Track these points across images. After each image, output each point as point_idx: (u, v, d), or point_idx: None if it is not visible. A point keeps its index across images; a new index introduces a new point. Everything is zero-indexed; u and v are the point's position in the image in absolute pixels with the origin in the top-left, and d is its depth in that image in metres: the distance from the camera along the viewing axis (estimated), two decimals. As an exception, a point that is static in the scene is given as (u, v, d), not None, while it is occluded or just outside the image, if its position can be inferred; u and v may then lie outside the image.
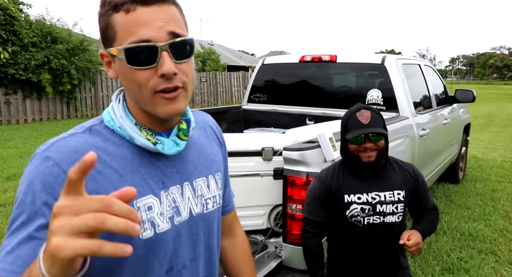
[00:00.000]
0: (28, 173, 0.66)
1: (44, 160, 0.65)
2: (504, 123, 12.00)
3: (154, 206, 0.72)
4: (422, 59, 10.65)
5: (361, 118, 1.45)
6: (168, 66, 0.67)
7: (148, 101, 0.70)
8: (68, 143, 0.68)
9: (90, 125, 0.73)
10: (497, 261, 2.98)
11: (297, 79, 3.68)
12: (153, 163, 0.75)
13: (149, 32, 0.67)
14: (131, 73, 0.69)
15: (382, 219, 1.48)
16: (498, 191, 4.72)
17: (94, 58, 12.59)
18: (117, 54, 0.68)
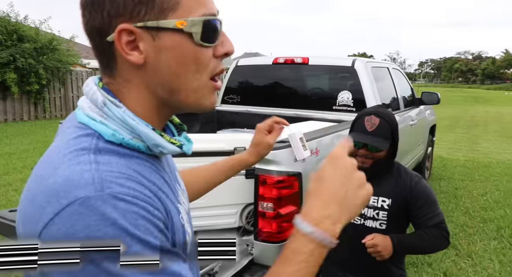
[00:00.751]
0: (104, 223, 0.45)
1: (114, 200, 0.47)
2: (467, 125, 12.56)
3: (181, 210, 0.61)
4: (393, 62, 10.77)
5: (367, 124, 1.41)
6: (231, 44, 0.59)
7: (201, 88, 0.58)
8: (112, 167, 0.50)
9: (93, 146, 0.52)
10: (457, 254, 3.15)
11: (270, 80, 3.74)
12: (159, 168, 0.60)
13: (212, 4, 0.57)
14: (195, 52, 0.56)
15: (362, 221, 1.49)
16: (460, 189, 4.95)
17: (64, 58, 12.24)
18: (186, 27, 0.54)
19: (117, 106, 0.56)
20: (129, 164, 0.53)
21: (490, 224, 3.76)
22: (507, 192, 4.81)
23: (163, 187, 0.57)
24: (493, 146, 8.55)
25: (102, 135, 0.54)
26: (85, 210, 0.45)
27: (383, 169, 1.48)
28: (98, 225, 0.45)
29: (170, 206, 0.55)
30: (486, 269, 2.92)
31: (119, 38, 0.54)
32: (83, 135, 0.53)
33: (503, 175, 5.66)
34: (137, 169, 0.53)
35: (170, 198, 0.57)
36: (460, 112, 17.49)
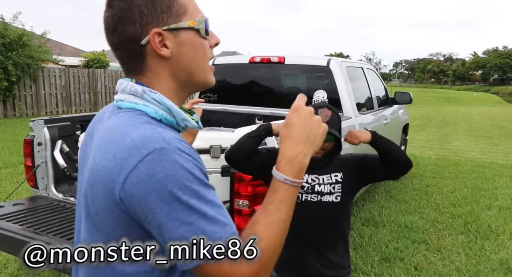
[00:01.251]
0: (177, 164, 0.65)
1: (181, 151, 0.67)
2: (439, 124, 12.98)
3: None
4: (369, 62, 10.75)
5: (321, 116, 1.51)
6: (218, 37, 0.82)
7: (207, 70, 0.81)
8: (172, 137, 0.69)
9: (147, 120, 0.72)
10: (427, 249, 3.26)
11: (247, 79, 3.76)
12: None
13: (201, 10, 0.81)
14: (202, 43, 0.78)
15: (319, 198, 1.58)
16: (432, 186, 5.12)
17: (35, 54, 11.83)
18: (195, 25, 0.77)
19: (153, 92, 0.75)
20: (171, 133, 0.72)
21: (458, 220, 3.91)
22: (474, 188, 5.00)
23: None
24: (462, 144, 8.87)
25: (147, 113, 0.73)
26: (161, 157, 0.64)
27: (329, 161, 1.62)
28: (172, 167, 0.64)
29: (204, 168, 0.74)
30: (454, 262, 3.04)
31: (153, 40, 0.73)
32: (136, 114, 0.73)
33: (471, 173, 5.88)
34: (177, 136, 0.72)
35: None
36: (432, 112, 18.05)
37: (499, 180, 5.47)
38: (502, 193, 4.83)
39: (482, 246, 3.32)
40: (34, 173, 2.69)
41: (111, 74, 14.85)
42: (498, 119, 14.85)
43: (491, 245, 3.33)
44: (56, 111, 12.94)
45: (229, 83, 3.82)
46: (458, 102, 28.65)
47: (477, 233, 3.58)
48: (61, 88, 13.10)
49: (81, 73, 13.75)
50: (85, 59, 16.47)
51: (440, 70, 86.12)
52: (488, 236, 3.53)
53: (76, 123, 2.94)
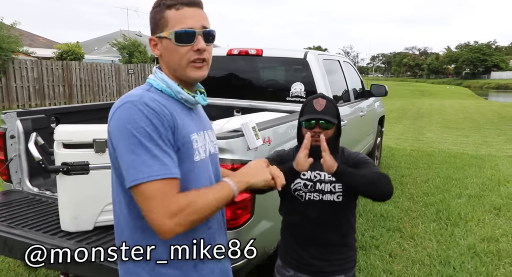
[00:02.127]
0: (138, 113, 0.95)
1: (146, 104, 0.96)
2: (414, 117, 13.33)
3: (198, 141, 1.08)
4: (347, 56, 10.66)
5: (316, 105, 1.56)
6: (202, 44, 1.06)
7: (183, 68, 1.06)
8: (149, 96, 1.00)
9: (147, 88, 1.06)
10: (401, 236, 3.38)
11: (225, 72, 3.75)
12: (190, 114, 1.10)
13: (191, 22, 1.05)
14: (176, 49, 1.04)
15: (321, 196, 1.59)
16: (406, 176, 5.29)
17: (4, 45, 11.39)
18: (168, 35, 1.04)
19: (160, 73, 1.10)
20: (162, 99, 1.02)
21: (430, 208, 4.06)
22: (446, 178, 5.20)
23: (181, 115, 1.04)
24: (435, 136, 9.15)
25: (152, 85, 1.08)
26: (131, 105, 0.96)
27: (332, 148, 1.58)
28: (134, 113, 0.95)
29: (181, 124, 1.02)
30: (426, 248, 3.17)
31: (149, 43, 1.10)
32: (145, 84, 1.09)
33: (444, 163, 6.10)
34: (165, 103, 1.02)
35: (185, 123, 1.04)
36: (407, 104, 18.49)
37: (469, 170, 5.70)
38: (471, 182, 5.04)
39: (452, 232, 3.47)
40: (7, 166, 2.62)
41: (87, 67, 14.48)
42: (469, 111, 15.37)
43: (460, 232, 3.48)
44: (29, 104, 12.54)
45: (207, 76, 3.81)
46: (432, 95, 29.43)
47: (448, 221, 3.73)
48: (34, 81, 12.68)
49: (54, 65, 13.34)
50: (59, 50, 15.97)
51: (416, 64, 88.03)
52: (457, 223, 3.69)
53: (50, 116, 2.87)
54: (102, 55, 26.01)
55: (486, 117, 13.39)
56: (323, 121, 1.54)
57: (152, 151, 0.92)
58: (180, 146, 1.01)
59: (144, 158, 0.91)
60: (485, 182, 5.08)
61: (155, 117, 0.95)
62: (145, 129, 0.93)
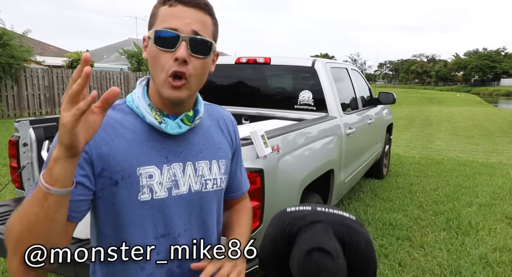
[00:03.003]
0: None
1: None
2: (422, 124, 13.23)
3: (154, 176, 0.88)
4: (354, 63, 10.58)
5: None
6: (181, 52, 0.82)
7: (161, 82, 0.85)
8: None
9: (116, 104, 0.90)
10: (411, 245, 3.34)
11: (233, 80, 3.78)
12: (160, 140, 0.90)
13: (177, 23, 0.84)
14: (156, 53, 0.85)
15: None
16: (415, 184, 5.24)
17: (16, 54, 11.59)
18: (150, 34, 0.86)
19: (140, 85, 0.93)
20: (118, 119, 0.88)
21: (440, 217, 4.01)
22: (456, 186, 5.14)
23: (133, 142, 0.87)
24: (444, 144, 9.07)
25: (126, 100, 0.93)
26: None
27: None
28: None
29: (121, 154, 0.85)
30: (436, 257, 3.13)
31: (143, 42, 0.91)
32: (121, 99, 0.93)
33: (453, 171, 6.04)
34: (123, 123, 0.88)
35: (132, 153, 0.86)
36: (416, 112, 18.37)
37: (479, 178, 5.63)
38: (482, 191, 4.97)
39: (463, 241, 3.42)
40: (20, 174, 2.66)
41: (96, 75, 14.66)
42: (479, 119, 15.22)
43: (471, 241, 3.44)
44: (40, 112, 12.72)
45: (215, 84, 3.83)
46: (441, 102, 29.23)
47: (458, 230, 3.68)
48: (45, 89, 12.87)
49: (65, 74, 13.54)
50: (69, 59, 16.22)
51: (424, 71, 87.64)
52: (468, 232, 3.64)
53: (61, 124, 2.92)
54: (111, 63, 26.35)
55: (496, 124, 13.25)
56: None
57: None
58: (118, 179, 0.84)
59: None
60: (496, 190, 5.01)
61: None
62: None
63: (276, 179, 2.14)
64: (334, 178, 3.03)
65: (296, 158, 2.42)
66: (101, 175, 0.84)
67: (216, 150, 1.00)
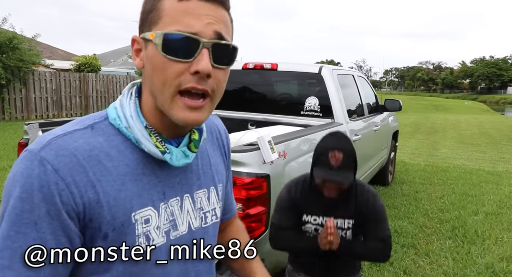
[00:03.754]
0: (22, 176, 0.59)
1: (42, 163, 0.59)
2: (428, 131, 13.17)
3: (151, 219, 0.68)
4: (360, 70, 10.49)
5: (332, 160, 1.45)
6: (205, 64, 0.62)
7: (167, 100, 0.64)
8: (67, 144, 0.61)
9: (93, 122, 0.67)
10: (416, 253, 3.32)
11: (240, 85, 3.81)
12: (156, 171, 0.69)
13: (196, 24, 0.62)
14: (163, 63, 0.62)
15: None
16: (421, 192, 5.21)
17: (26, 57, 11.74)
18: (153, 38, 0.62)
19: (130, 97, 0.70)
20: (101, 146, 0.64)
21: (446, 225, 3.99)
22: (461, 194, 5.11)
23: (126, 178, 0.65)
24: (450, 151, 9.02)
25: (108, 117, 0.68)
26: (22, 159, 0.61)
27: (347, 193, 1.57)
28: (16, 174, 0.60)
29: (113, 198, 0.63)
30: (441, 266, 3.11)
31: (132, 45, 0.69)
32: (98, 114, 0.69)
33: (459, 179, 6.00)
34: (109, 153, 0.64)
35: (127, 193, 0.65)
36: (421, 119, 18.30)
37: (486, 187, 5.58)
38: (488, 199, 4.93)
39: (469, 250, 3.39)
40: (27, 176, 2.69)
41: (103, 78, 14.79)
42: (485, 127, 15.12)
43: (477, 250, 3.41)
44: (47, 114, 12.83)
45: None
46: (446, 110, 29.10)
47: (464, 238, 3.66)
48: (52, 92, 13.00)
49: (72, 77, 13.67)
50: (76, 63, 16.38)
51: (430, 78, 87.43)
52: (474, 240, 3.61)
53: (70, 127, 2.95)
54: (118, 67, 26.59)
55: (503, 132, 13.16)
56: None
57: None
58: (108, 231, 0.64)
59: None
60: (502, 199, 4.97)
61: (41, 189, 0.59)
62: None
63: (282, 185, 2.15)
64: (339, 184, 3.03)
65: (302, 164, 2.43)
66: (88, 226, 0.63)
67: (213, 174, 0.82)
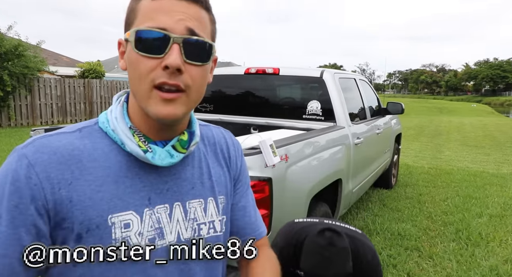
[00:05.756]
0: (3, 168, 0.64)
1: (20, 158, 0.63)
2: (432, 134, 13.13)
3: (132, 224, 0.66)
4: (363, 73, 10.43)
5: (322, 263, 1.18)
6: (173, 58, 0.62)
7: (143, 95, 0.65)
8: (50, 142, 0.65)
9: (82, 126, 0.70)
10: (419, 256, 3.32)
11: (242, 90, 3.84)
12: (142, 176, 0.68)
13: (166, 21, 0.63)
14: (137, 60, 0.64)
15: None
16: (424, 194, 5.20)
17: (31, 64, 11.88)
18: (129, 37, 0.65)
19: (119, 103, 0.73)
20: (84, 148, 0.66)
21: (450, 227, 3.98)
22: (465, 197, 5.09)
23: (107, 180, 0.65)
24: (454, 154, 8.99)
25: (98, 121, 0.72)
26: (10, 153, 0.65)
27: None
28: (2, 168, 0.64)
29: (88, 198, 0.63)
30: (445, 268, 3.10)
31: (118, 48, 0.71)
32: (92, 120, 0.73)
33: (463, 182, 5.98)
34: (92, 154, 0.66)
35: (105, 195, 0.65)
36: (425, 122, 18.25)
37: (490, 189, 5.57)
38: (493, 202, 4.92)
39: (473, 253, 3.39)
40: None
41: (107, 84, 14.91)
42: (490, 129, 15.06)
43: (481, 252, 3.40)
44: (52, 121, 12.94)
45: (225, 94, 3.90)
46: (451, 112, 28.98)
47: (468, 240, 3.65)
48: (57, 98, 13.12)
49: (76, 83, 13.79)
50: (81, 69, 16.53)
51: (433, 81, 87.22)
52: (478, 243, 3.60)
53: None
54: (122, 73, 26.75)
55: (507, 135, 13.09)
56: None
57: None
58: (82, 232, 0.62)
59: None
60: (507, 201, 4.95)
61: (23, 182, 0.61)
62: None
63: (284, 188, 2.17)
64: (342, 187, 3.05)
65: (304, 168, 2.45)
66: (60, 226, 0.62)
67: (213, 185, 0.79)
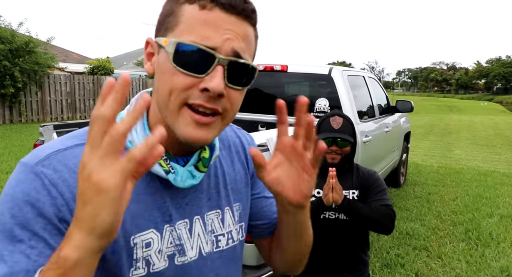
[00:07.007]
0: (17, 191, 0.54)
1: (38, 177, 0.55)
2: (441, 133, 12.99)
3: (153, 243, 0.62)
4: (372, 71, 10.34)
5: (333, 123, 1.63)
6: (217, 83, 0.56)
7: (172, 112, 0.58)
8: (67, 159, 0.57)
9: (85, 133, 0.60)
10: (428, 255, 3.29)
11: (250, 87, 3.82)
12: (161, 191, 0.64)
13: (213, 38, 0.56)
14: (172, 73, 0.57)
15: (336, 215, 1.62)
16: (433, 194, 5.15)
17: (41, 61, 12.00)
18: (167, 45, 0.57)
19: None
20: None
21: (459, 227, 3.93)
22: (475, 197, 5.03)
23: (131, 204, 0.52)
24: (464, 153, 8.88)
25: None
26: (16, 171, 0.57)
27: (349, 164, 1.68)
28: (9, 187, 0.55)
29: None
30: (454, 269, 3.07)
31: (145, 47, 0.63)
32: None
33: (473, 181, 5.90)
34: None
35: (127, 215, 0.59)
36: (435, 120, 18.06)
37: (501, 189, 5.48)
38: (504, 202, 4.85)
39: (483, 253, 3.34)
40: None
41: (116, 81, 15.02)
42: (501, 128, 14.84)
43: (491, 253, 3.35)
44: (61, 117, 13.08)
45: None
46: (461, 111, 28.64)
47: (478, 241, 3.60)
48: (66, 95, 13.25)
49: (86, 80, 13.91)
50: (90, 66, 16.66)
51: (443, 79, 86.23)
52: (489, 243, 3.55)
53: (83, 129, 3.01)
54: (130, 70, 26.93)
55: (519, 134, 12.90)
56: (340, 140, 1.61)
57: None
58: (107, 252, 0.58)
59: None
60: (518, 201, 4.87)
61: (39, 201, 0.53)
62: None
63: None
64: (350, 185, 3.02)
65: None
66: None
67: (228, 193, 0.74)
